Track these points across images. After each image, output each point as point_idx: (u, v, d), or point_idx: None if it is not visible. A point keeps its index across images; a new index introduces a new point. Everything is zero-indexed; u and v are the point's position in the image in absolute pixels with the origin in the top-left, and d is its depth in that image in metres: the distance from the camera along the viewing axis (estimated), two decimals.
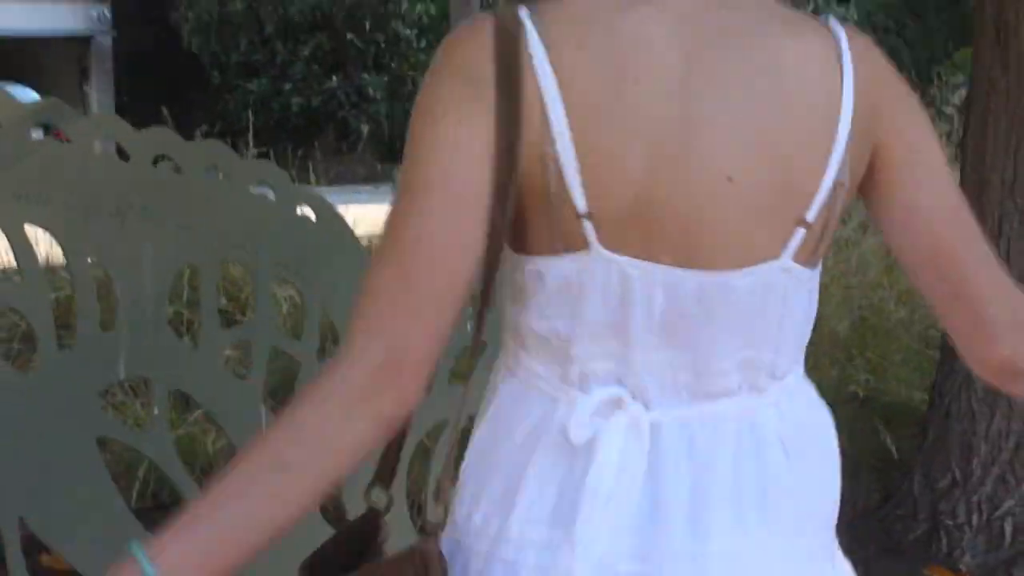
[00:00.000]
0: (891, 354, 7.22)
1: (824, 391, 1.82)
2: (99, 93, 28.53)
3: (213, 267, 3.75)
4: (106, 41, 28.67)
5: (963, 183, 5.44)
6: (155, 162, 3.62)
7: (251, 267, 3.80)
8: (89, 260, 3.48)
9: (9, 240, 3.34)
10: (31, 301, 3.43)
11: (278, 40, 25.49)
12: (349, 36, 24.96)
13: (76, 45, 28.75)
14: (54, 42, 28.49)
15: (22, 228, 3.34)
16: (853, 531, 4.64)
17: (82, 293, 3.43)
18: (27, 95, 24.04)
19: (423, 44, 25.76)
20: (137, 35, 28.26)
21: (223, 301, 5.62)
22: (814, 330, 1.79)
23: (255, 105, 25.24)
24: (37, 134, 3.73)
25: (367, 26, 24.84)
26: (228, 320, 5.44)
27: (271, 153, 12.56)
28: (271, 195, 3.76)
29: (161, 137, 3.59)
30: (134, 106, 27.17)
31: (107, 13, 28.25)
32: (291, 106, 24.82)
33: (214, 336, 3.74)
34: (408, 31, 25.28)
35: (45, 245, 3.67)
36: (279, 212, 3.75)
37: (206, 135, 12.28)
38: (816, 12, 23.68)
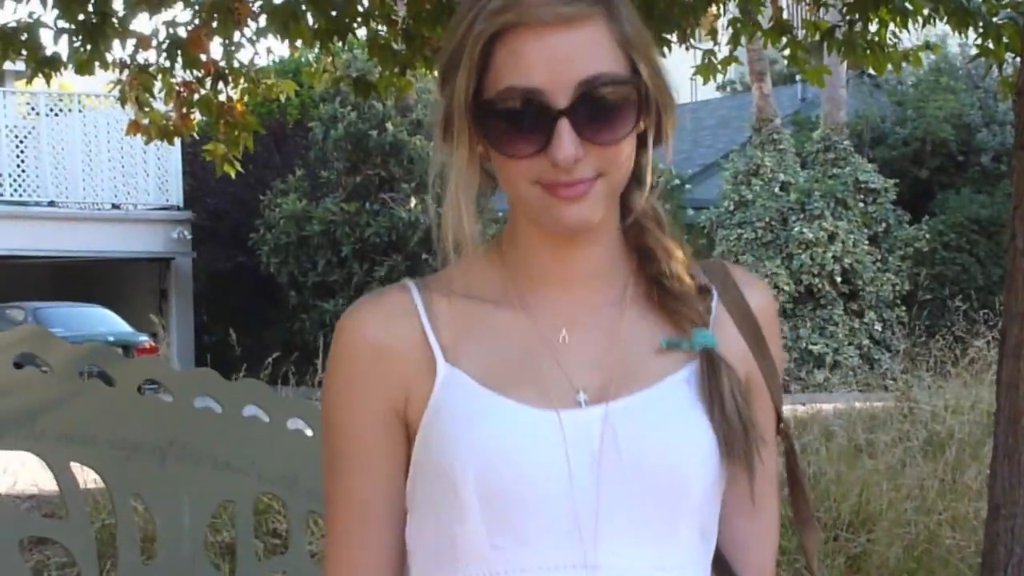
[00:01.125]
0: None
1: None
2: (179, 313, 28.90)
3: (249, 502, 3.91)
4: (186, 262, 29.13)
5: (998, 412, 5.50)
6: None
7: (287, 500, 3.96)
8: (131, 497, 3.65)
9: (56, 479, 3.52)
10: (76, 538, 3.60)
11: (355, 261, 25.90)
12: (424, 256, 25.34)
13: (156, 266, 29.22)
14: (135, 263, 28.99)
15: (68, 467, 3.51)
16: None
17: (123, 528, 3.59)
18: (107, 317, 24.50)
19: None
20: (216, 256, 28.68)
21: (261, 534, 5.77)
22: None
23: (331, 324, 25.47)
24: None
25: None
26: (268, 551, 5.57)
27: None
28: (308, 431, 3.93)
29: (202, 378, 3.77)
30: (212, 326, 27.58)
31: (187, 234, 28.74)
32: None
33: (250, 569, 3.89)
34: None
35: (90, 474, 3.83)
36: (316, 447, 3.90)
37: (281, 355, 12.55)
38: (888, 231, 23.81)
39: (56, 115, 28.14)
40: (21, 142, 27.77)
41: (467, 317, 1.88)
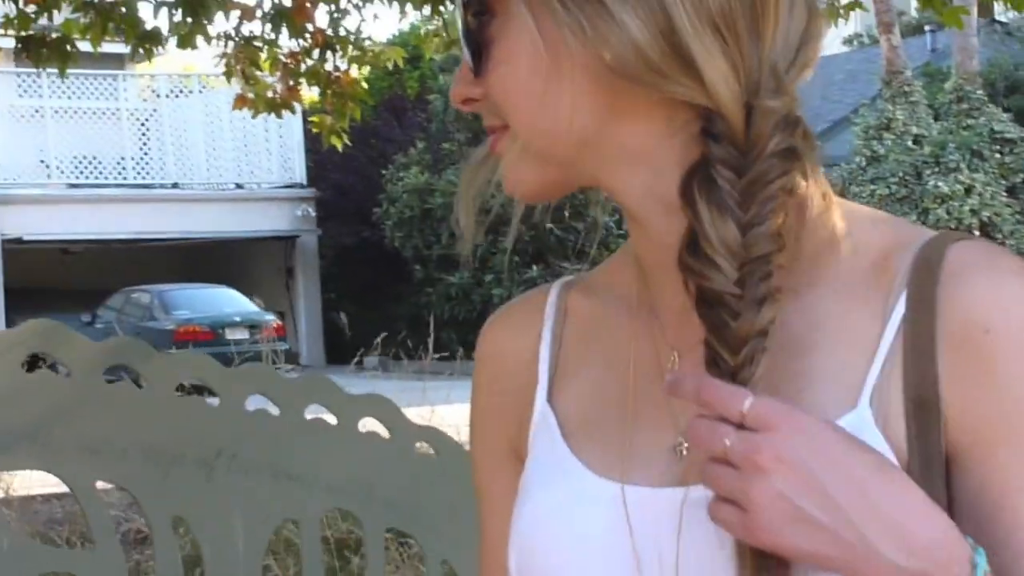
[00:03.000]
0: None
1: None
2: (305, 290, 28.86)
3: (316, 519, 3.34)
4: (311, 240, 29.02)
5: None
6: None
7: (361, 516, 3.37)
8: (171, 520, 3.10)
9: (79, 502, 2.98)
10: (106, 573, 3.04)
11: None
12: (548, 226, 24.89)
13: (282, 244, 29.14)
14: (260, 242, 28.89)
15: (94, 487, 2.98)
16: None
17: (163, 559, 3.04)
18: (233, 297, 24.36)
19: (622, 230, 25.68)
20: (341, 232, 28.61)
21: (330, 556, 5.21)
22: None
23: (457, 297, 25.31)
24: None
25: (566, 215, 24.73)
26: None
27: (459, 352, 12.47)
28: (384, 432, 3.35)
29: (255, 374, 3.22)
30: (340, 303, 27.41)
31: (311, 212, 28.62)
32: (492, 297, 24.72)
33: None
34: (607, 218, 25.15)
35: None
36: (393, 452, 3.33)
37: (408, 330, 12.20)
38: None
39: (176, 96, 28.17)
40: (143, 125, 27.81)
41: (595, 326, 1.37)
